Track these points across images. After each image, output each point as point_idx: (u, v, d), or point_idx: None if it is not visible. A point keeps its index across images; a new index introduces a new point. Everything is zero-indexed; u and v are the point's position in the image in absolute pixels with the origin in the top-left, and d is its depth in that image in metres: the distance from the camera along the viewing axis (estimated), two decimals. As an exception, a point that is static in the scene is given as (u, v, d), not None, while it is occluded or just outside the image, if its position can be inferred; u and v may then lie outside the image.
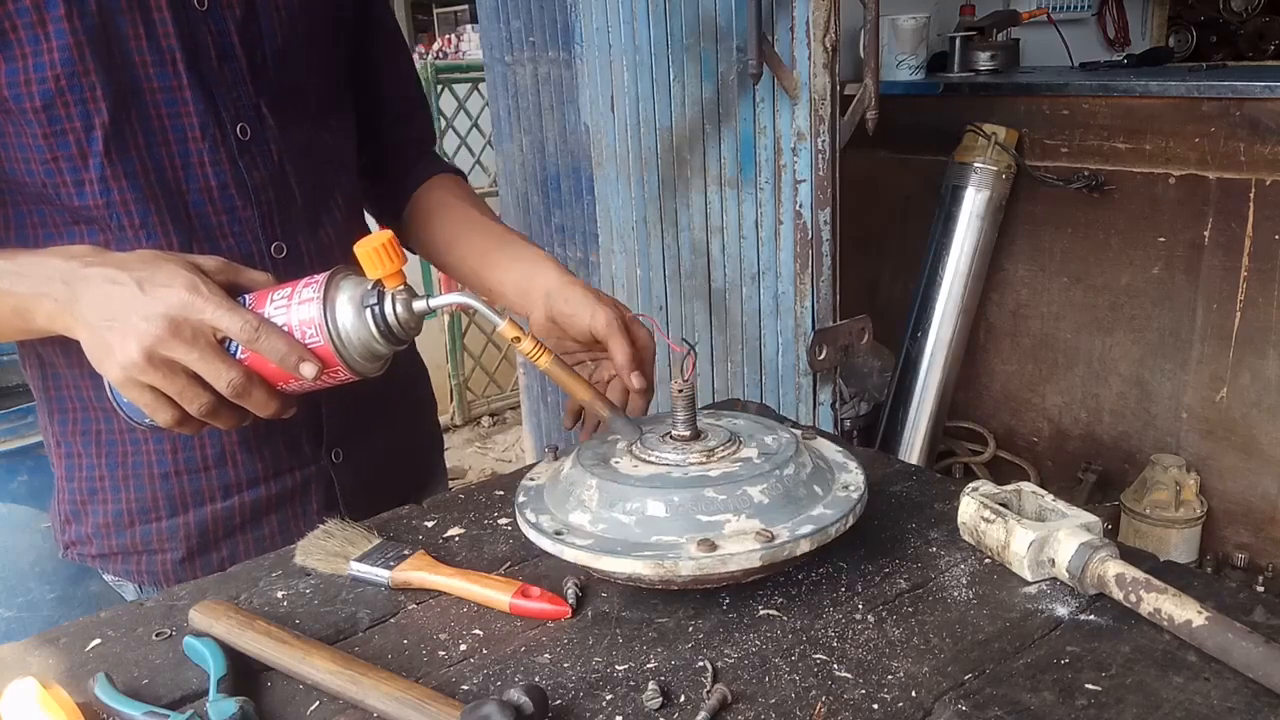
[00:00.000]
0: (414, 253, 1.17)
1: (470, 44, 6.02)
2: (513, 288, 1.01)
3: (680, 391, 0.79)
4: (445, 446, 1.29)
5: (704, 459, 0.77)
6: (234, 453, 0.97)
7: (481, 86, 4.00)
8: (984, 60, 2.70)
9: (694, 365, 0.82)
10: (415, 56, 4.57)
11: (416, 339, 1.00)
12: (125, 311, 0.75)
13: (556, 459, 0.84)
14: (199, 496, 0.97)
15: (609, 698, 0.63)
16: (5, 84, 0.82)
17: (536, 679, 0.65)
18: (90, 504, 0.98)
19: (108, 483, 0.97)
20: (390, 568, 0.78)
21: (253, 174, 0.93)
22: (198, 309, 0.76)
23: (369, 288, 0.80)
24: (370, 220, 1.16)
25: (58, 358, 0.95)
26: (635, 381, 0.92)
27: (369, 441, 1.06)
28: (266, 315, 0.79)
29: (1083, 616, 0.69)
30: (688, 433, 0.79)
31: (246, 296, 0.82)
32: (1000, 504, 0.77)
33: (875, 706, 0.61)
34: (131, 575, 1.00)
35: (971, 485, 0.80)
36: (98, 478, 0.97)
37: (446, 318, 4.19)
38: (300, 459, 1.01)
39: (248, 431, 0.96)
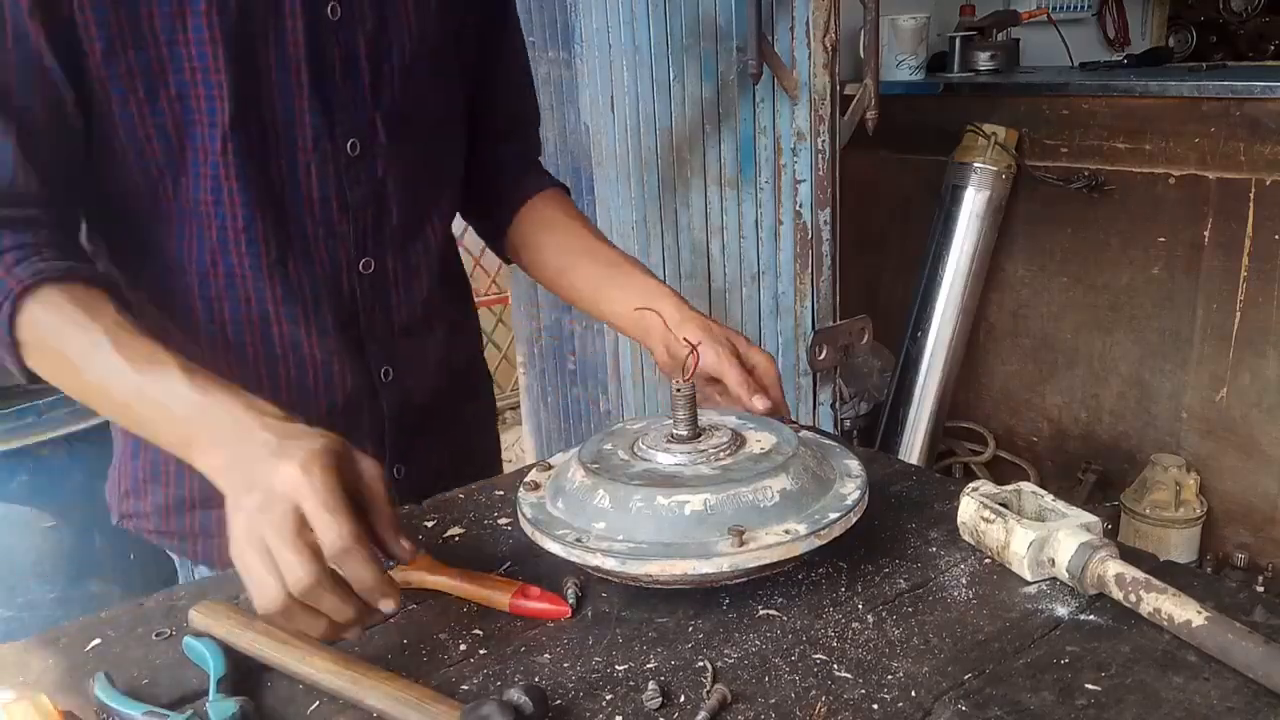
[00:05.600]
0: (516, 266, 1.17)
1: (470, 44, 6.00)
2: (629, 321, 1.01)
3: (679, 391, 0.79)
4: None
5: (733, 451, 0.78)
6: None
7: (481, 86, 3.99)
8: (984, 60, 2.70)
9: (695, 365, 0.82)
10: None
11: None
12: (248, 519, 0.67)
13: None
14: None
15: (609, 698, 0.63)
16: (139, 72, 0.82)
17: (536, 679, 0.65)
18: (152, 484, 0.99)
19: (173, 468, 0.98)
20: (390, 568, 0.77)
21: (355, 190, 0.93)
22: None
23: None
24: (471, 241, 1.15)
25: None
26: (758, 404, 0.91)
27: (431, 456, 1.06)
28: None
29: (1082, 616, 0.69)
30: (686, 432, 0.79)
31: None
32: (1000, 504, 0.77)
33: (875, 706, 0.61)
34: (188, 553, 1.02)
35: (971, 485, 0.80)
36: (162, 461, 0.98)
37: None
38: None
39: None
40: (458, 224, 1.13)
